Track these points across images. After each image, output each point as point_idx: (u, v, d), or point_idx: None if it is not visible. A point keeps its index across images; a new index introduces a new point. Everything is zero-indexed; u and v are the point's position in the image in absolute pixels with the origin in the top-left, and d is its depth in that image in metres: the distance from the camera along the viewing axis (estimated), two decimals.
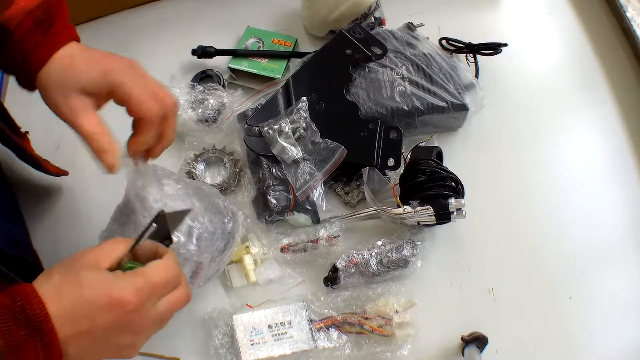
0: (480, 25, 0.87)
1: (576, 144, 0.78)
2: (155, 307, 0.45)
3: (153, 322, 0.45)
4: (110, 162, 0.51)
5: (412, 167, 0.68)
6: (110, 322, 0.42)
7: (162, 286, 0.45)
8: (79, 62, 0.51)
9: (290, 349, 0.63)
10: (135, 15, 0.96)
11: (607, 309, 0.66)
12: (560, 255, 0.69)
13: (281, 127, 0.71)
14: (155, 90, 0.52)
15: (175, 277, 0.46)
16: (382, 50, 0.77)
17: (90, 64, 0.51)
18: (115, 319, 0.42)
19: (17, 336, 0.38)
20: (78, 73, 0.50)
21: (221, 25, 0.92)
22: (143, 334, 0.45)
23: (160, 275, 0.45)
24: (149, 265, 0.45)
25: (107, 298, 0.41)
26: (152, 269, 0.45)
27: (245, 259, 0.68)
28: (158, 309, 0.45)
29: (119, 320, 0.42)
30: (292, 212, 0.70)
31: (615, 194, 0.74)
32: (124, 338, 0.44)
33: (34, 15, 0.51)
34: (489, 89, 0.78)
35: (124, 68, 0.51)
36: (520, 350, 0.64)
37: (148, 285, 0.43)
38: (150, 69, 0.87)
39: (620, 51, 0.84)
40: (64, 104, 0.50)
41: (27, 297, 0.40)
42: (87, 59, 0.51)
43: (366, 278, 0.67)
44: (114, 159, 0.51)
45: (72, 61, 0.51)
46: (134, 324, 0.43)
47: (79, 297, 0.41)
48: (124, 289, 0.42)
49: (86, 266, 0.43)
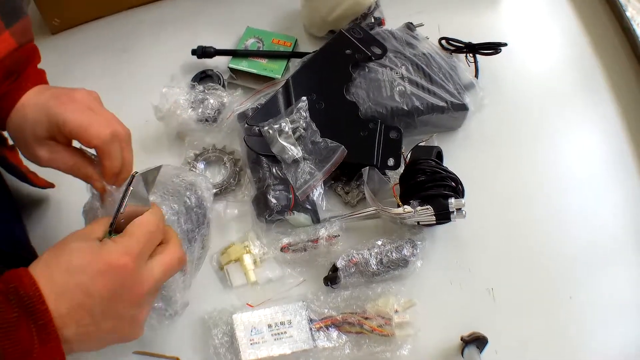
0: (480, 25, 0.87)
1: (576, 144, 0.78)
2: (150, 268, 0.44)
3: (150, 286, 0.44)
4: (99, 187, 0.54)
5: (412, 167, 0.68)
6: (105, 289, 0.40)
7: (147, 239, 0.44)
8: (29, 112, 0.52)
9: (290, 349, 0.63)
10: (135, 15, 0.96)
11: (607, 309, 0.66)
12: (561, 255, 0.69)
13: (281, 127, 0.71)
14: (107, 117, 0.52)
15: (158, 229, 0.46)
16: (381, 50, 0.77)
17: (38, 111, 0.51)
18: (110, 284, 0.40)
19: (9, 318, 0.37)
20: (30, 125, 0.51)
21: (221, 25, 0.92)
22: (142, 302, 0.44)
23: (142, 229, 0.44)
24: (130, 225, 0.44)
25: (99, 263, 0.40)
26: (133, 226, 0.44)
27: (245, 259, 0.68)
28: (153, 272, 0.44)
29: (115, 286, 0.41)
30: (292, 212, 0.70)
31: (615, 194, 0.74)
32: (123, 308, 0.42)
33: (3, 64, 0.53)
34: (489, 89, 0.78)
35: (66, 104, 0.51)
36: (520, 350, 0.64)
37: (134, 242, 0.43)
38: (150, 69, 0.88)
39: (620, 51, 0.84)
40: (31, 155, 0.53)
41: (19, 278, 0.39)
42: (35, 107, 0.52)
43: (366, 278, 0.66)
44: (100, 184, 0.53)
45: (24, 112, 0.52)
46: (130, 288, 0.42)
47: (69, 267, 0.40)
48: (112, 252, 0.41)
49: (74, 239, 0.43)
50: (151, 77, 0.86)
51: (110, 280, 0.40)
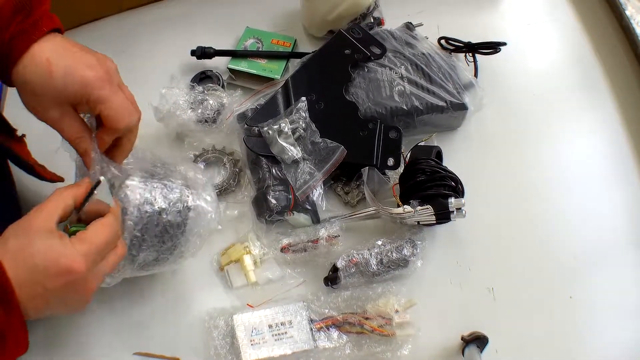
0: (480, 25, 0.87)
1: (576, 143, 0.78)
2: (99, 268, 0.49)
3: (97, 281, 0.50)
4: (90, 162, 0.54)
5: (411, 166, 0.68)
6: (60, 287, 0.46)
7: (105, 246, 0.49)
8: (57, 72, 0.49)
9: (291, 349, 0.63)
10: (135, 16, 0.96)
11: (607, 309, 0.66)
12: (561, 255, 0.69)
13: (281, 127, 0.71)
14: (130, 101, 0.54)
15: (115, 235, 0.50)
16: (381, 50, 0.77)
17: (69, 75, 0.49)
18: (64, 284, 0.46)
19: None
20: (56, 86, 0.49)
21: (220, 25, 0.92)
22: (89, 293, 0.50)
23: (102, 236, 0.49)
24: (91, 227, 0.49)
25: (57, 267, 0.45)
26: (94, 232, 0.48)
27: (245, 259, 0.68)
28: (101, 269, 0.50)
29: (68, 285, 0.46)
30: (292, 212, 0.70)
31: (615, 194, 0.74)
32: (73, 298, 0.49)
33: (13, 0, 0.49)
34: (488, 89, 0.78)
35: (104, 82, 0.50)
36: (520, 350, 0.64)
37: (93, 250, 0.47)
38: (149, 70, 0.88)
39: (620, 49, 0.84)
40: (42, 113, 0.51)
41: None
42: (65, 70, 0.49)
43: (366, 278, 0.67)
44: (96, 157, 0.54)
45: (49, 69, 0.49)
46: (81, 286, 0.48)
47: (32, 267, 0.45)
48: (70, 257, 0.46)
49: (38, 231, 0.46)
50: (150, 78, 0.86)
51: (65, 281, 0.46)
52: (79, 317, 0.68)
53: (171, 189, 0.58)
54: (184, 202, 0.58)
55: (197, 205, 0.59)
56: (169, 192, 0.58)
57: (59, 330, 0.67)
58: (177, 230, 0.58)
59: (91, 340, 0.67)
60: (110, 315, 0.68)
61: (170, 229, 0.57)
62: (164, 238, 0.57)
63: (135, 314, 0.68)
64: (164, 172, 0.60)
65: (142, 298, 0.69)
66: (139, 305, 0.69)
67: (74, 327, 0.68)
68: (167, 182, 0.58)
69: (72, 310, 0.51)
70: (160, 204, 0.56)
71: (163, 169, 0.60)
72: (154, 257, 0.58)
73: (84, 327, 0.68)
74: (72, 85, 0.49)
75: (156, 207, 0.56)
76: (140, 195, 0.55)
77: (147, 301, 0.69)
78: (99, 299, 0.69)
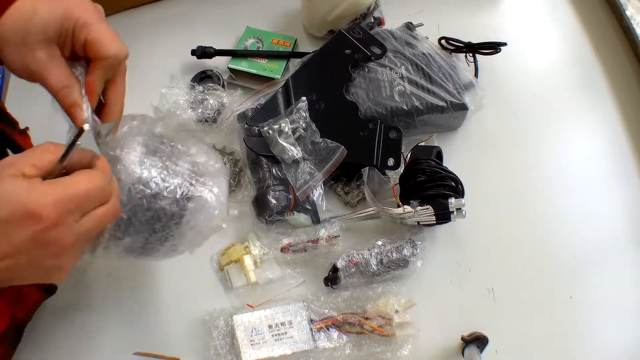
0: (480, 25, 0.87)
1: (576, 143, 0.78)
2: (79, 224, 0.41)
3: (77, 240, 0.41)
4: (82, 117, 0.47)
5: (412, 167, 0.68)
6: (26, 240, 0.38)
7: (85, 198, 0.41)
8: (42, 7, 0.45)
9: (291, 349, 0.63)
10: (135, 15, 0.96)
11: (607, 309, 0.66)
12: (561, 255, 0.69)
13: (281, 127, 0.71)
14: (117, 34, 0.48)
15: (101, 190, 0.42)
16: (381, 50, 0.77)
17: (51, 6, 0.46)
18: (31, 236, 0.38)
19: None
20: (41, 20, 0.45)
21: (220, 25, 0.92)
22: (66, 255, 0.41)
23: (83, 186, 0.40)
24: (73, 174, 0.41)
25: (21, 212, 0.38)
26: (74, 178, 0.41)
27: (245, 260, 0.68)
28: (83, 225, 0.41)
29: (36, 239, 0.38)
30: (292, 212, 0.70)
31: (615, 194, 0.73)
32: (45, 259, 0.40)
33: None
34: (489, 89, 0.78)
35: (89, 11, 0.47)
36: (520, 350, 0.64)
37: (68, 197, 0.39)
38: (149, 70, 0.88)
39: (620, 49, 0.84)
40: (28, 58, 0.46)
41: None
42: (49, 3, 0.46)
43: (366, 278, 0.67)
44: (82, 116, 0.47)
45: (34, 5, 0.45)
46: (53, 243, 0.39)
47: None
48: (38, 201, 0.38)
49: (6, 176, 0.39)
50: (151, 78, 0.86)
51: (32, 233, 0.38)
52: (79, 316, 0.68)
53: (173, 171, 0.51)
54: (183, 190, 0.51)
55: (199, 197, 0.52)
56: (169, 175, 0.50)
57: (58, 330, 0.68)
58: (170, 220, 0.50)
59: (91, 340, 0.67)
60: (110, 315, 0.68)
61: (163, 218, 0.50)
62: (154, 226, 0.50)
63: (135, 314, 0.68)
64: (170, 150, 0.52)
65: (142, 298, 0.69)
66: (139, 305, 0.69)
67: (73, 327, 0.68)
68: (169, 162, 0.51)
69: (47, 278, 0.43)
70: (154, 187, 0.49)
71: (169, 146, 0.53)
72: (141, 244, 0.51)
73: (84, 326, 0.68)
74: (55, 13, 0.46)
75: (149, 190, 0.48)
76: (134, 172, 0.48)
77: (147, 301, 0.69)
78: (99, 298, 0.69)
